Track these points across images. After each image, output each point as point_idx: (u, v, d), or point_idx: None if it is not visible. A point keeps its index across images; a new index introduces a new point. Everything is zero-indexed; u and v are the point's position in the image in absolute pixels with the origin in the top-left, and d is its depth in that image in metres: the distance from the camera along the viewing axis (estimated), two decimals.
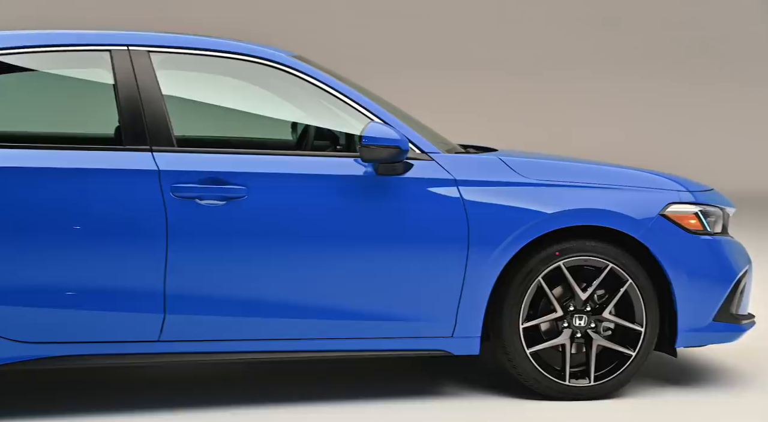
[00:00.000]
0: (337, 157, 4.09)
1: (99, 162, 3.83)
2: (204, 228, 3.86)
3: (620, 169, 4.44)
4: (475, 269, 4.07)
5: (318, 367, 4.69)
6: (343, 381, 4.50)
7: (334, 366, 4.70)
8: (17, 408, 4.02)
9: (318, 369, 4.67)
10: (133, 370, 4.61)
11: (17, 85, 4.69)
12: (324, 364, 4.72)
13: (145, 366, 4.62)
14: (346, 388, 4.38)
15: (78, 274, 3.77)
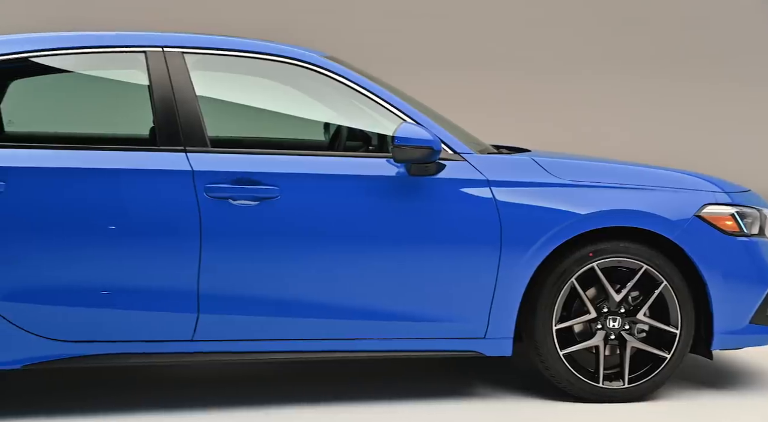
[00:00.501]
0: (370, 158, 4.09)
1: (134, 162, 3.86)
2: (237, 229, 3.88)
3: (654, 169, 4.40)
4: (508, 270, 4.06)
5: (349, 367, 4.69)
6: (375, 382, 4.50)
7: (365, 367, 4.71)
8: (48, 407, 4.06)
9: (349, 370, 4.67)
10: (167, 369, 4.64)
11: (54, 87, 4.75)
12: (355, 364, 4.72)
13: (179, 366, 4.65)
14: (378, 388, 4.37)
15: (113, 274, 3.80)
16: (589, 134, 7.90)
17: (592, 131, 7.93)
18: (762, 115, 8.32)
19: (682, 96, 8.19)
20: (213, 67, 4.17)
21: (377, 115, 4.19)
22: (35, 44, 3.96)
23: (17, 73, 4.31)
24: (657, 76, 8.17)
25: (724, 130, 8.19)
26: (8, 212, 3.72)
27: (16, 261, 3.73)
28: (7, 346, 3.75)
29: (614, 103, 8.12)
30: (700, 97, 8.21)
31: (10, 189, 3.73)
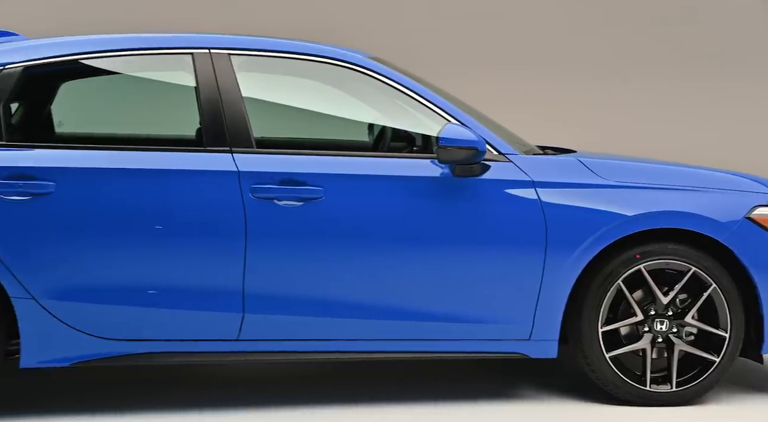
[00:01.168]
0: (414, 158, 4.09)
1: (180, 163, 3.90)
2: (281, 229, 3.90)
3: (703, 170, 4.34)
4: (553, 271, 4.03)
5: (393, 368, 4.69)
6: (418, 383, 4.49)
7: (409, 368, 4.70)
8: (93, 405, 4.11)
9: (393, 370, 4.67)
10: (211, 369, 4.68)
11: (103, 88, 4.82)
12: (399, 365, 4.72)
13: (223, 365, 4.68)
14: (422, 390, 4.37)
15: (159, 273, 3.84)
16: (664, 135, 7.81)
17: (664, 132, 7.85)
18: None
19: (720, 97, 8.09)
20: (259, 68, 4.20)
21: (421, 116, 4.18)
22: (85, 46, 4.02)
23: (68, 75, 4.39)
24: (691, 77, 8.07)
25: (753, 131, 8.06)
26: (58, 212, 3.78)
27: (66, 260, 3.78)
28: (57, 344, 3.81)
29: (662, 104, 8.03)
30: (732, 98, 8.09)
31: (60, 189, 3.78)
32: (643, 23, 8.04)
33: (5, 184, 3.75)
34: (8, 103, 3.97)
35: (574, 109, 7.91)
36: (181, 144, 4.40)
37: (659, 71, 8.05)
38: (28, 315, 3.77)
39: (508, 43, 7.86)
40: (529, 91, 7.75)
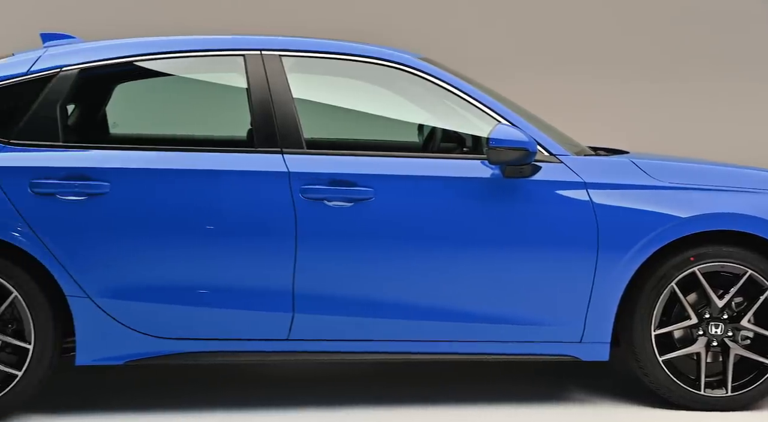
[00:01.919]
0: (464, 159, 4.08)
1: (232, 163, 3.94)
2: (331, 230, 3.91)
3: (759, 171, 4.26)
4: (605, 273, 3.99)
5: (443, 370, 4.68)
6: (469, 385, 4.47)
7: (458, 369, 4.69)
8: (141, 404, 4.16)
9: (443, 372, 4.66)
10: (261, 368, 4.71)
11: (156, 90, 4.89)
12: (449, 367, 4.70)
13: (273, 365, 4.71)
14: (472, 391, 4.35)
15: (210, 272, 3.88)
16: (719, 135, 7.70)
17: (720, 132, 7.73)
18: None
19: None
20: (309, 69, 4.22)
21: (472, 117, 4.17)
22: (139, 49, 4.07)
23: (122, 77, 4.45)
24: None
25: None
26: (113, 212, 3.83)
27: (120, 259, 3.84)
28: (112, 342, 3.86)
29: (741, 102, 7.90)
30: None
31: (115, 189, 3.84)
32: (693, 23, 7.92)
33: (62, 184, 3.82)
34: (65, 105, 4.04)
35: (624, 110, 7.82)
36: (232, 145, 4.44)
37: (702, 71, 7.93)
38: (83, 313, 3.83)
39: (558, 42, 7.80)
40: (578, 91, 7.68)
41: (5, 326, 3.85)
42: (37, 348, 3.81)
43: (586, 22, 7.86)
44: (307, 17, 7.44)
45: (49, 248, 3.79)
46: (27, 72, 3.95)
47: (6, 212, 3.77)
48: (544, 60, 7.75)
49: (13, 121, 3.89)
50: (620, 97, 7.81)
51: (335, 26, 6.86)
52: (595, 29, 7.85)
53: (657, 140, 7.02)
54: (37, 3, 7.52)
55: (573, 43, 7.82)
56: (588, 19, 7.86)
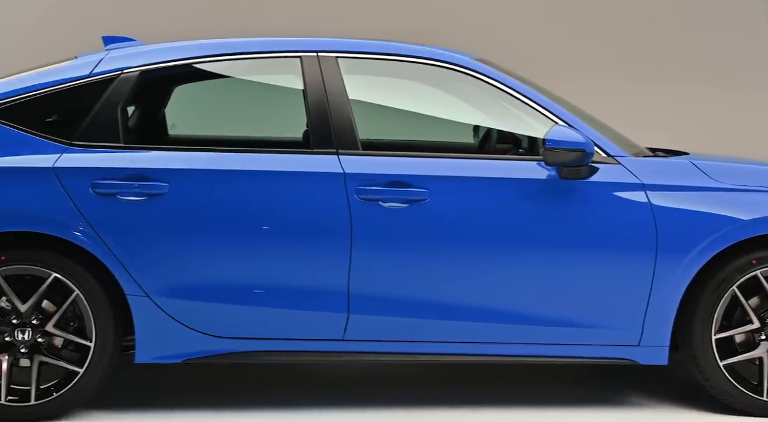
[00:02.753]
0: (520, 160, 4.05)
1: (288, 164, 3.96)
2: (387, 231, 3.91)
3: None
4: (664, 276, 3.93)
5: (497, 372, 4.66)
6: (523, 387, 4.44)
7: (513, 371, 4.66)
8: (198, 402, 4.21)
9: (497, 374, 4.63)
10: (315, 368, 4.74)
11: (214, 91, 4.94)
12: (503, 369, 4.68)
13: (327, 364, 4.73)
14: (526, 394, 4.32)
15: (266, 273, 3.91)
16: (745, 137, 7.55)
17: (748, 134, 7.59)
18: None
19: None
20: (365, 70, 4.23)
21: (528, 117, 4.14)
22: (197, 51, 4.13)
23: (181, 79, 4.51)
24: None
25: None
26: (171, 212, 3.89)
27: (178, 259, 3.89)
28: (170, 341, 3.91)
29: None
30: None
31: (173, 190, 3.90)
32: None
33: (122, 184, 3.88)
34: (125, 107, 4.11)
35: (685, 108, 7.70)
36: (288, 146, 4.47)
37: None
38: (142, 312, 3.89)
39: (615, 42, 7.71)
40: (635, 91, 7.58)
41: (67, 324, 3.93)
42: (97, 345, 3.88)
43: (642, 22, 7.76)
44: (361, 19, 7.46)
45: (109, 247, 3.85)
46: (89, 74, 4.03)
47: (68, 212, 3.84)
48: (601, 60, 7.66)
49: (76, 122, 3.96)
50: (677, 97, 7.69)
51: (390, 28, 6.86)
52: (651, 30, 7.75)
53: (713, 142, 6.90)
54: (100, 7, 7.66)
55: (629, 43, 7.72)
56: (644, 19, 7.76)
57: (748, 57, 7.72)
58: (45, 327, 3.87)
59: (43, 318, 3.88)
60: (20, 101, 3.96)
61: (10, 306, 3.87)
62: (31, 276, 3.88)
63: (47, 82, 4.00)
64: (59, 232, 3.84)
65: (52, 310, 3.89)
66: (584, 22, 7.72)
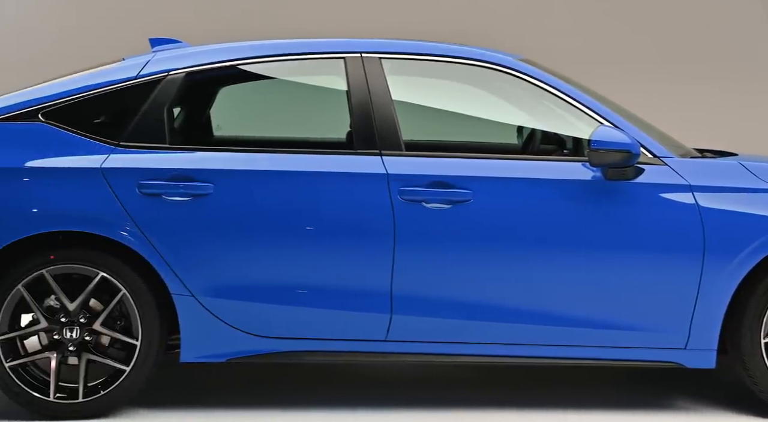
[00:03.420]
0: (564, 161, 4.02)
1: (331, 165, 3.97)
2: (430, 232, 3.91)
3: None
4: (711, 279, 3.87)
5: (540, 374, 4.63)
6: (565, 390, 4.41)
7: (556, 374, 4.62)
8: (238, 401, 4.24)
9: (539, 376, 4.60)
10: (358, 368, 4.74)
11: (258, 92, 4.97)
12: (546, 370, 4.64)
13: (369, 365, 4.73)
14: (570, 397, 4.29)
15: (309, 273, 3.93)
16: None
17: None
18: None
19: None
20: (409, 71, 4.22)
21: (573, 118, 4.11)
22: (242, 52, 4.15)
23: (226, 80, 4.55)
24: None
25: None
26: (216, 213, 3.92)
27: (222, 259, 3.92)
28: (214, 340, 3.94)
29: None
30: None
31: (218, 190, 3.93)
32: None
33: (168, 185, 3.92)
34: (171, 108, 4.15)
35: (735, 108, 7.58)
36: (332, 146, 4.49)
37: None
38: (187, 311, 3.93)
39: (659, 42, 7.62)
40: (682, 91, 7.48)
41: (114, 322, 3.98)
42: (143, 344, 3.92)
43: (684, 21, 7.66)
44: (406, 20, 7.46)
45: (155, 247, 3.90)
46: (136, 76, 4.07)
47: (116, 212, 3.89)
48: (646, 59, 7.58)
49: (123, 123, 4.01)
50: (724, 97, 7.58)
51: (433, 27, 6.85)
52: (696, 28, 7.64)
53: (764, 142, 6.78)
54: (147, 10, 7.75)
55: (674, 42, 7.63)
56: (688, 18, 7.66)
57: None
58: (92, 325, 3.93)
59: (91, 317, 3.94)
60: (69, 103, 4.02)
61: (59, 305, 3.94)
62: (78, 276, 3.94)
63: (96, 84, 4.06)
64: (107, 232, 3.89)
65: (100, 309, 3.95)
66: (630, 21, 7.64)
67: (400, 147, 4.00)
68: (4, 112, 3.99)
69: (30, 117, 3.99)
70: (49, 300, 3.96)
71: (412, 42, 4.23)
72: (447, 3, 7.63)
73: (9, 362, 3.90)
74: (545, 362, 3.98)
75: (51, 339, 3.94)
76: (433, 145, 4.70)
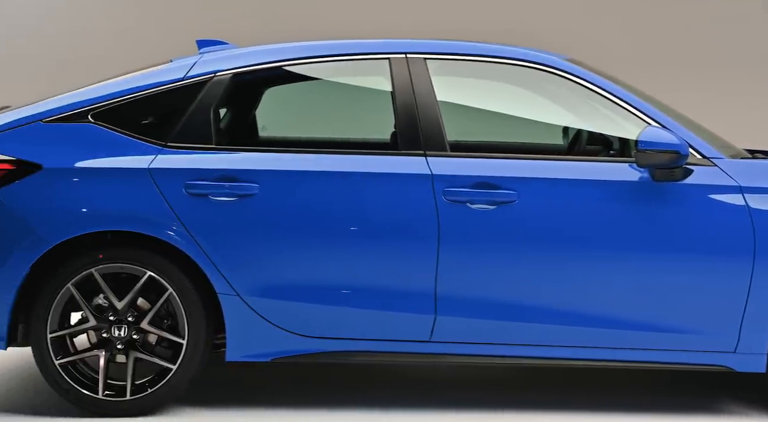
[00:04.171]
0: (611, 162, 3.98)
1: (376, 166, 3.98)
2: (474, 233, 3.89)
3: None
4: (762, 281, 3.81)
5: (587, 376, 4.58)
6: (611, 392, 4.36)
7: (599, 375, 4.57)
8: (282, 400, 4.25)
9: (587, 379, 4.56)
10: (401, 368, 4.74)
11: (303, 93, 5.00)
12: (589, 372, 4.60)
13: (413, 365, 4.72)
14: (615, 399, 4.24)
15: (353, 273, 3.93)
16: None
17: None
18: None
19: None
20: (453, 72, 4.21)
21: (619, 119, 4.06)
22: (288, 54, 4.17)
23: (271, 81, 4.58)
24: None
25: None
26: (261, 213, 3.94)
27: (267, 259, 3.94)
28: (259, 340, 3.97)
29: None
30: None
31: (263, 191, 3.95)
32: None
33: (214, 185, 3.95)
34: (218, 109, 4.19)
35: None
36: (376, 147, 4.50)
37: None
38: (233, 311, 3.96)
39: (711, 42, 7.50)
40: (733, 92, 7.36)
41: (161, 321, 4.02)
42: (190, 343, 3.96)
43: (733, 24, 7.54)
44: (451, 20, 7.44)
45: (202, 247, 3.93)
46: (183, 77, 4.11)
47: (163, 212, 3.94)
48: (696, 61, 7.47)
49: (171, 124, 4.05)
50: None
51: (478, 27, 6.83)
52: (745, 31, 7.52)
53: None
54: (194, 12, 7.83)
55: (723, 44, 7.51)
56: (736, 21, 7.54)
57: None
58: (140, 324, 3.98)
59: (139, 316, 3.99)
60: (118, 104, 4.07)
61: (107, 304, 3.99)
62: (126, 275, 3.99)
63: (144, 85, 4.11)
64: (154, 232, 3.94)
65: (147, 308, 3.99)
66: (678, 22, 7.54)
67: (444, 147, 3.99)
68: (56, 113, 4.06)
69: (80, 118, 4.04)
70: (97, 299, 4.01)
71: (457, 42, 4.22)
72: (492, 3, 7.60)
73: (59, 359, 3.96)
74: (591, 364, 3.94)
75: (100, 337, 4.00)
76: (478, 145, 4.68)
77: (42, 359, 3.97)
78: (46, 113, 4.05)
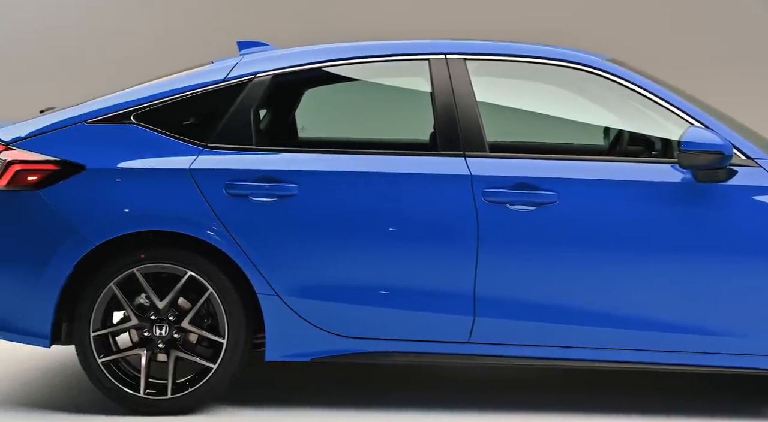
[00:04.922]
0: (653, 163, 3.94)
1: (415, 166, 3.97)
2: (514, 234, 3.88)
3: None
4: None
5: (625, 379, 4.54)
6: (652, 395, 4.32)
7: (640, 379, 4.53)
8: (321, 400, 4.27)
9: (625, 381, 4.52)
10: (440, 369, 4.73)
11: (343, 94, 5.01)
12: (631, 376, 4.55)
13: (452, 366, 4.71)
14: (655, 402, 4.19)
15: (392, 274, 3.93)
16: None
17: None
18: None
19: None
20: (494, 72, 4.20)
21: (662, 119, 4.02)
22: (327, 55, 4.19)
23: (311, 82, 4.60)
24: None
25: None
26: (300, 214, 3.96)
27: (306, 260, 3.95)
28: (298, 339, 3.98)
29: None
30: None
31: (303, 191, 3.97)
32: None
33: (254, 186, 3.98)
34: (258, 110, 4.21)
35: None
36: (415, 148, 4.49)
37: None
38: (272, 311, 3.98)
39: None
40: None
41: (202, 321, 4.06)
42: (230, 342, 3.98)
43: (736, 23, 7.42)
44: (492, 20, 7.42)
45: (241, 247, 3.96)
46: (224, 78, 4.14)
47: (203, 212, 3.97)
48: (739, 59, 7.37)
49: (212, 125, 4.08)
50: None
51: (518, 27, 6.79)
52: (748, 30, 7.40)
53: None
54: (235, 14, 7.89)
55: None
56: (740, 20, 7.43)
57: None
58: (181, 323, 4.01)
59: (179, 315, 4.02)
60: (160, 105, 4.11)
61: (148, 303, 4.03)
62: (167, 274, 4.03)
63: (185, 87, 4.14)
64: (195, 232, 3.97)
65: (187, 307, 4.03)
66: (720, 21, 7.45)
67: (484, 148, 3.97)
68: (100, 114, 4.10)
69: (123, 119, 4.09)
70: (139, 298, 4.06)
71: (497, 43, 4.20)
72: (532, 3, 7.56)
73: (101, 358, 4.01)
74: (632, 367, 3.91)
75: (141, 336, 4.04)
76: (518, 146, 4.66)
77: (85, 357, 4.02)
78: (90, 114, 4.10)
